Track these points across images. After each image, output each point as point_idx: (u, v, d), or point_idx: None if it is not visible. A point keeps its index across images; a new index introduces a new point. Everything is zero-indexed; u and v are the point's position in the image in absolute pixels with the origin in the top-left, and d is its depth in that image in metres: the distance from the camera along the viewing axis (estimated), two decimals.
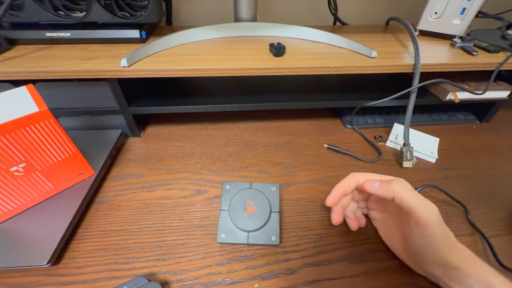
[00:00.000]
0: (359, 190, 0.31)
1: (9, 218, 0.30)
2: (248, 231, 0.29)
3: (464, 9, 0.43)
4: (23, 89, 0.29)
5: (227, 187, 0.32)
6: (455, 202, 0.35)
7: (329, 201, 0.29)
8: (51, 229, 0.29)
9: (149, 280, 0.26)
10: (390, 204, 0.29)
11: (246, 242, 0.29)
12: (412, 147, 0.41)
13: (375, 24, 0.59)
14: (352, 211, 0.32)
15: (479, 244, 0.31)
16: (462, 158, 0.43)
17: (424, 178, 0.39)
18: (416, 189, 0.35)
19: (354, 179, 0.29)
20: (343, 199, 0.31)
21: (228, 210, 0.30)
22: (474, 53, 0.42)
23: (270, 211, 0.30)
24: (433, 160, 0.42)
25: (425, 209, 0.23)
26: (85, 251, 0.30)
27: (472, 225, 0.33)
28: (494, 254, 0.29)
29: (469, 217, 0.33)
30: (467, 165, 0.42)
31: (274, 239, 0.29)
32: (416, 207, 0.23)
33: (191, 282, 0.27)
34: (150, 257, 0.29)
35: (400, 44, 0.46)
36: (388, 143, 0.45)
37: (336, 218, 0.30)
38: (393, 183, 0.25)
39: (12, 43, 0.40)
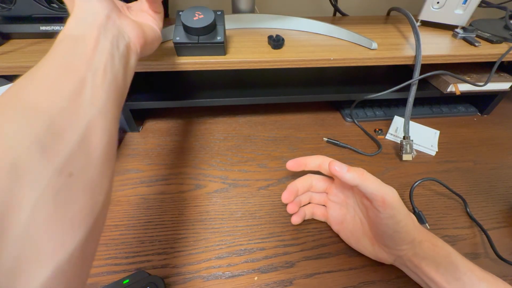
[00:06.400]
0: (325, 175, 0.31)
1: None
2: None
3: None
4: None
5: None
6: (454, 195, 0.35)
7: (283, 197, 0.30)
8: None
9: (150, 274, 0.26)
10: (350, 195, 0.29)
11: None
12: (412, 140, 0.40)
13: (376, 14, 0.57)
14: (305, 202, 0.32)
15: (478, 237, 0.31)
16: (462, 151, 0.43)
17: (423, 171, 0.39)
18: (415, 183, 0.36)
19: (318, 160, 0.29)
20: (302, 196, 0.31)
21: None
22: (477, 44, 0.41)
23: None
24: (433, 153, 0.42)
25: (388, 191, 0.24)
26: None
27: (471, 217, 0.33)
28: (493, 247, 0.29)
29: (468, 209, 0.33)
30: (467, 158, 0.42)
31: None
32: (378, 191, 0.24)
33: (191, 275, 0.28)
34: (150, 251, 0.29)
35: (401, 35, 0.45)
36: (388, 136, 0.45)
37: (294, 219, 0.31)
38: (358, 171, 0.25)
39: (6, 37, 0.39)
